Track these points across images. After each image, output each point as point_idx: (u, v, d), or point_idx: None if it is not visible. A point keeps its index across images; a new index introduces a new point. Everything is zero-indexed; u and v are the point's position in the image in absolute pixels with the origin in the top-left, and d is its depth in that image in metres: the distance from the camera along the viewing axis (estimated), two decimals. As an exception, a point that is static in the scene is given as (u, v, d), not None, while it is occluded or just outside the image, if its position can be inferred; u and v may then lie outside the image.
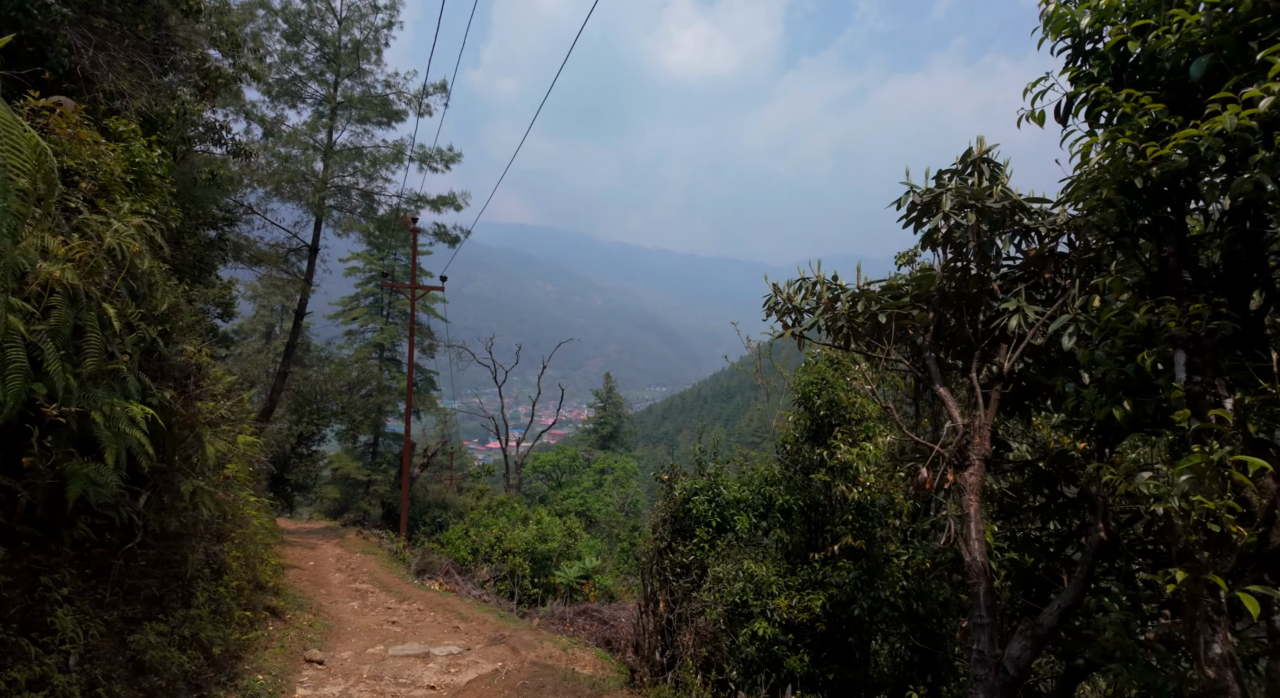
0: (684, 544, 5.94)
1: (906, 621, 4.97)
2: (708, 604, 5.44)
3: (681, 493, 6.14)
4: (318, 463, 35.79)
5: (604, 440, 47.20)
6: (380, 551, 16.95)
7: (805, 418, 6.09)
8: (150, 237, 3.76)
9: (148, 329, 3.66)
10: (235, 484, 6.30)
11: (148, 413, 3.52)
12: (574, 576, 13.74)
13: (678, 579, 5.91)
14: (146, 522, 4.13)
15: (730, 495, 6.06)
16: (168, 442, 4.21)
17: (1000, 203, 3.39)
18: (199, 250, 11.85)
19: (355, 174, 20.23)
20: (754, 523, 6.02)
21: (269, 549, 9.45)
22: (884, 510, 5.53)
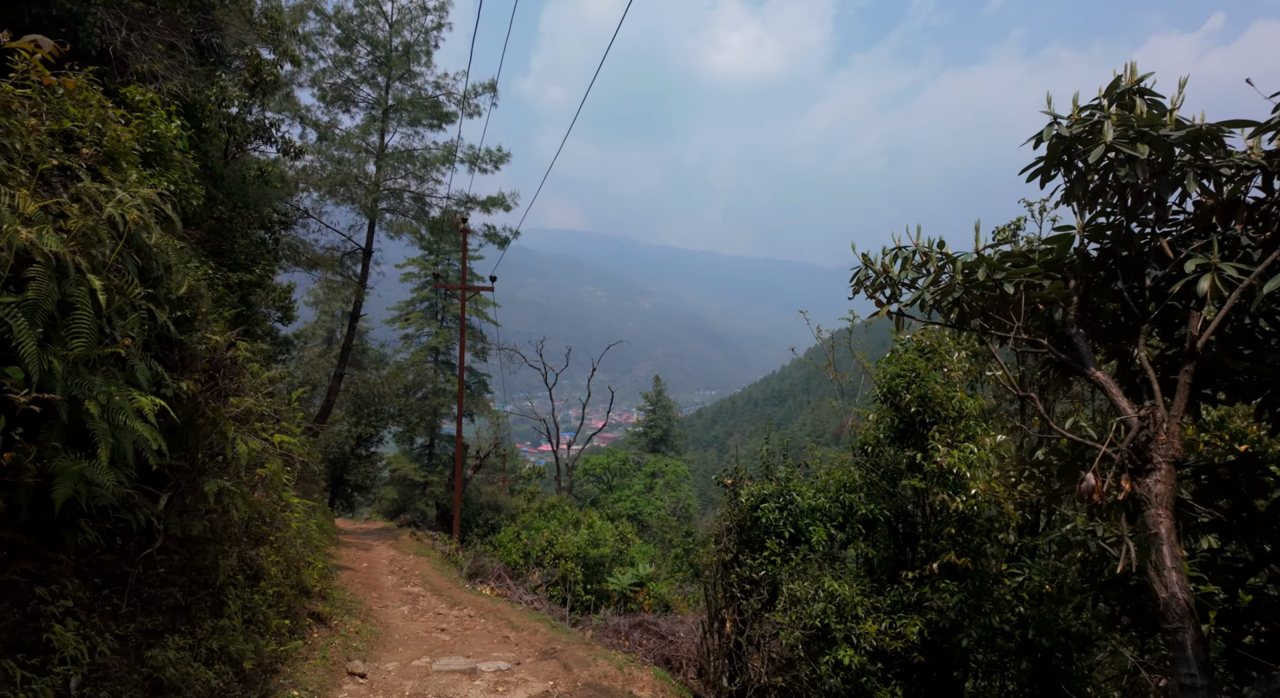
0: (752, 557, 5.28)
1: (1024, 654, 4.18)
2: (782, 626, 4.77)
3: (749, 499, 5.48)
4: (376, 464, 36.59)
5: (654, 444, 46.67)
6: (433, 552, 16.84)
7: (890, 416, 5.35)
8: (162, 211, 3.41)
9: (160, 313, 3.31)
10: (274, 485, 6.00)
11: (158, 405, 3.15)
12: (627, 583, 13.19)
13: (746, 596, 5.25)
14: (167, 525, 3.78)
15: (804, 503, 5.36)
16: (190, 438, 3.86)
17: (1181, 132, 2.61)
18: (250, 250, 11.89)
19: (407, 176, 20.35)
20: (831, 535, 5.31)
21: (318, 552, 9.25)
22: (990, 523, 4.72)
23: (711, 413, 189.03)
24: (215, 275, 4.50)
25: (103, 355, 2.86)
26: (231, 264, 12.29)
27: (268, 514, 5.65)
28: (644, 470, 41.44)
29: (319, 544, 9.89)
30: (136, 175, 3.46)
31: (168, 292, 3.55)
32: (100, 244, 2.90)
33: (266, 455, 5.27)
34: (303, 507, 8.30)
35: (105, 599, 3.35)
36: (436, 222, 20.31)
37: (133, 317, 3.05)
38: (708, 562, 5.70)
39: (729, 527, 5.54)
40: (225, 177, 10.96)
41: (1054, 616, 4.12)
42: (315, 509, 16.27)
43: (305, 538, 8.69)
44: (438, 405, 34.55)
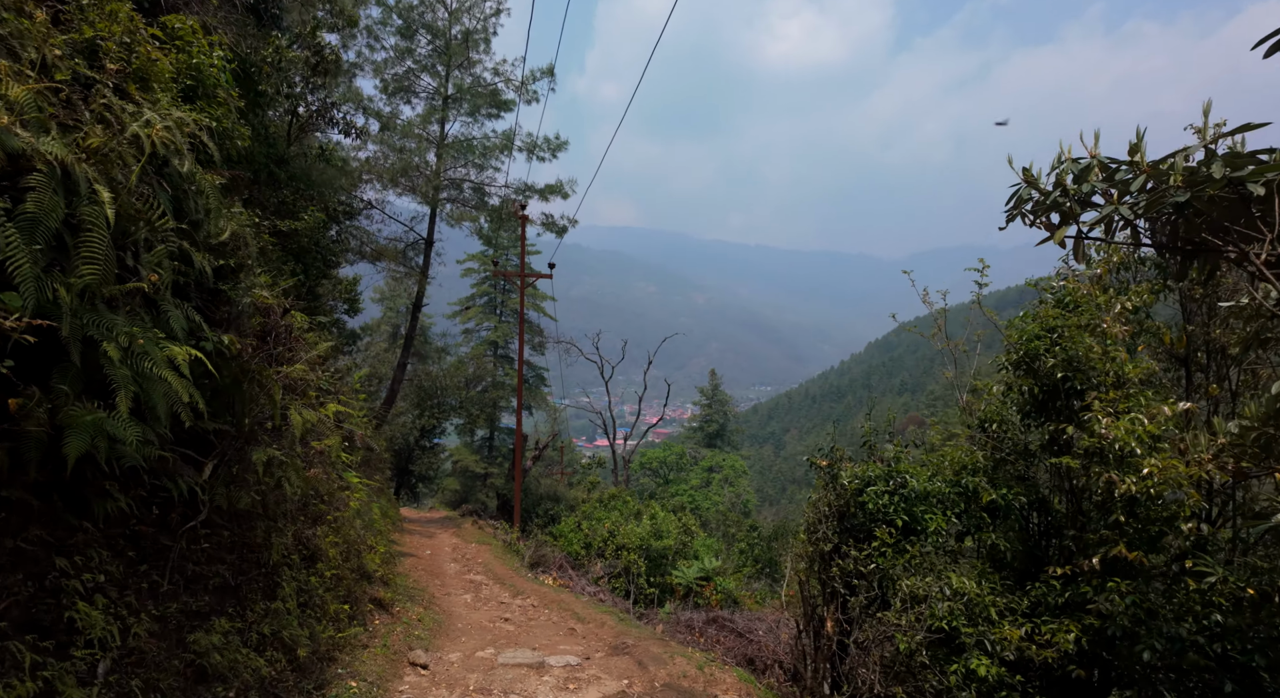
0: (858, 548, 4.56)
1: (1226, 674, 3.32)
2: (899, 628, 4.06)
3: (853, 482, 4.75)
4: (439, 455, 37.37)
5: (710, 438, 45.91)
6: (495, 541, 16.70)
7: (1025, 384, 4.49)
8: (199, 140, 3.03)
9: (197, 255, 2.93)
10: (332, 462, 5.68)
11: (193, 355, 2.74)
12: (693, 576, 12.59)
13: (851, 593, 4.55)
14: (213, 496, 3.41)
15: (919, 487, 4.59)
16: (237, 402, 3.49)
17: None
18: (313, 232, 11.87)
19: (466, 165, 20.29)
20: (950, 524, 4.53)
21: (380, 536, 9.03)
22: (1171, 509, 3.83)
23: (767, 409, 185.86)
24: (263, 223, 4.19)
25: (125, 293, 2.47)
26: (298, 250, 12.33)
27: (325, 492, 5.33)
28: (701, 465, 40.77)
29: (382, 529, 9.71)
30: (170, 100, 3.10)
31: (207, 236, 3.18)
32: (124, 167, 2.51)
33: (323, 429, 4.92)
34: (365, 488, 8.06)
35: (143, 575, 2.99)
36: (495, 210, 20.18)
37: (160, 249, 2.66)
38: (802, 553, 5.01)
39: (827, 513, 4.83)
40: (289, 159, 10.94)
41: (1268, 626, 3.25)
42: (379, 493, 16.39)
43: (367, 521, 8.48)
44: (497, 398, 34.95)
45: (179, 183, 2.91)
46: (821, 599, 4.78)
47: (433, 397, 33.58)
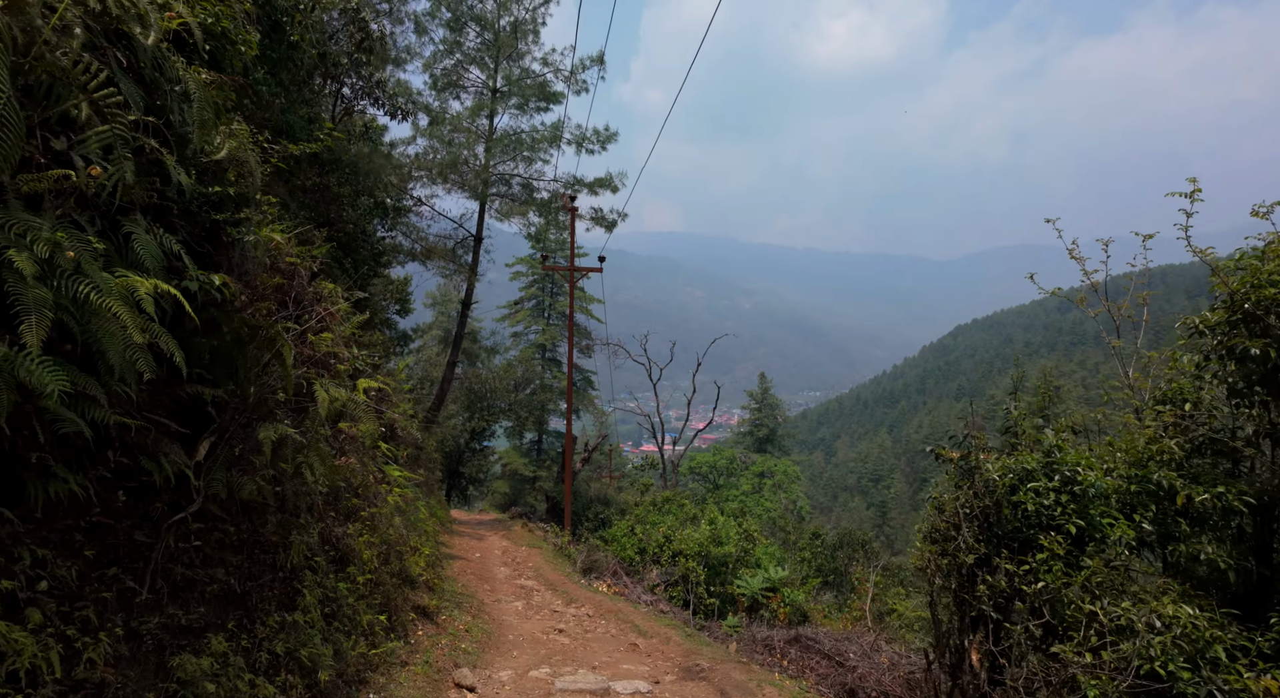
0: (1013, 561, 3.54)
1: None
2: (1088, 669, 3.03)
3: (1005, 477, 3.73)
4: (489, 457, 37.38)
5: (760, 443, 44.55)
6: (545, 545, 16.05)
7: (1256, 347, 3.34)
8: (186, 31, 2.35)
9: (168, 159, 2.23)
10: (367, 450, 5.01)
11: (163, 291, 2.05)
12: (759, 586, 11.58)
13: (1004, 618, 3.54)
14: (210, 483, 2.72)
15: (1096, 483, 3.53)
16: (240, 365, 2.80)
17: None
18: (360, 220, 11.46)
19: (515, 159, 19.87)
20: (1141, 532, 3.44)
21: (426, 537, 8.41)
22: None
23: (817, 415, 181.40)
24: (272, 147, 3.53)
25: (55, 191, 1.80)
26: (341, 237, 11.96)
27: (360, 485, 4.65)
28: (751, 470, 39.50)
29: (429, 529, 9.10)
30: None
31: (198, 153, 2.50)
32: (66, 33, 1.84)
33: (356, 411, 4.23)
34: (409, 484, 7.42)
35: (109, 582, 2.31)
36: (544, 203, 19.66)
37: (104, 131, 1.97)
38: (927, 565, 4.02)
39: (966, 515, 3.83)
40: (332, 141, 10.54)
41: None
42: (428, 492, 15.96)
43: (412, 520, 7.86)
44: (545, 401, 34.70)
45: (152, 75, 2.24)
46: (958, 625, 3.79)
47: (482, 399, 33.56)
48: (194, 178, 2.51)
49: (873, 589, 12.02)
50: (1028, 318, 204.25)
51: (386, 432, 6.81)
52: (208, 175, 2.60)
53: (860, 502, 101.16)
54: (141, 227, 2.15)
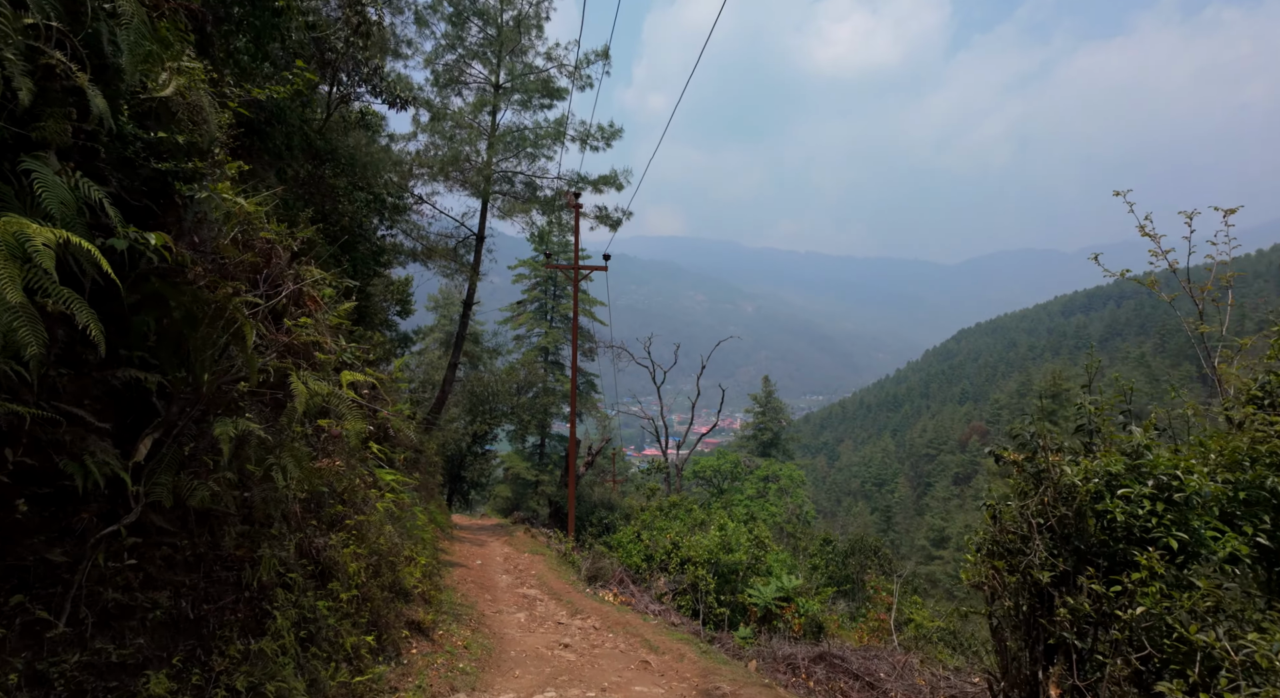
0: (1101, 582, 3.02)
1: None
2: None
3: (1088, 481, 3.20)
4: (491, 461, 36.96)
5: (763, 447, 44.04)
6: (548, 551, 15.57)
7: None
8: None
9: (85, 83, 1.78)
10: (353, 450, 4.55)
11: (77, 247, 1.59)
12: (772, 596, 11.08)
13: (1090, 649, 3.03)
14: (153, 488, 2.26)
15: (1202, 489, 2.98)
16: (192, 348, 2.35)
17: None
18: (357, 212, 11.02)
19: (518, 157, 19.48)
20: (1258, 546, 2.91)
21: (423, 545, 7.94)
22: None
23: (819, 419, 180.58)
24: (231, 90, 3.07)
25: None
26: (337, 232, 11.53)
27: (345, 490, 4.18)
28: (756, 475, 38.99)
29: (427, 537, 8.63)
30: None
31: (133, 89, 2.06)
32: None
33: (340, 407, 3.77)
34: (404, 487, 6.96)
35: (9, 613, 1.85)
36: (548, 201, 19.25)
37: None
38: (985, 582, 3.51)
39: (1040, 526, 3.31)
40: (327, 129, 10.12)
41: None
42: (428, 497, 15.50)
43: (408, 527, 7.39)
44: (548, 404, 34.33)
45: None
46: (1029, 653, 3.28)
47: (484, 402, 33.19)
48: (132, 120, 2.06)
49: (895, 601, 11.51)
50: (1031, 322, 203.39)
51: (378, 432, 6.34)
52: (151, 119, 2.16)
53: (864, 506, 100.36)
54: (51, 168, 1.70)
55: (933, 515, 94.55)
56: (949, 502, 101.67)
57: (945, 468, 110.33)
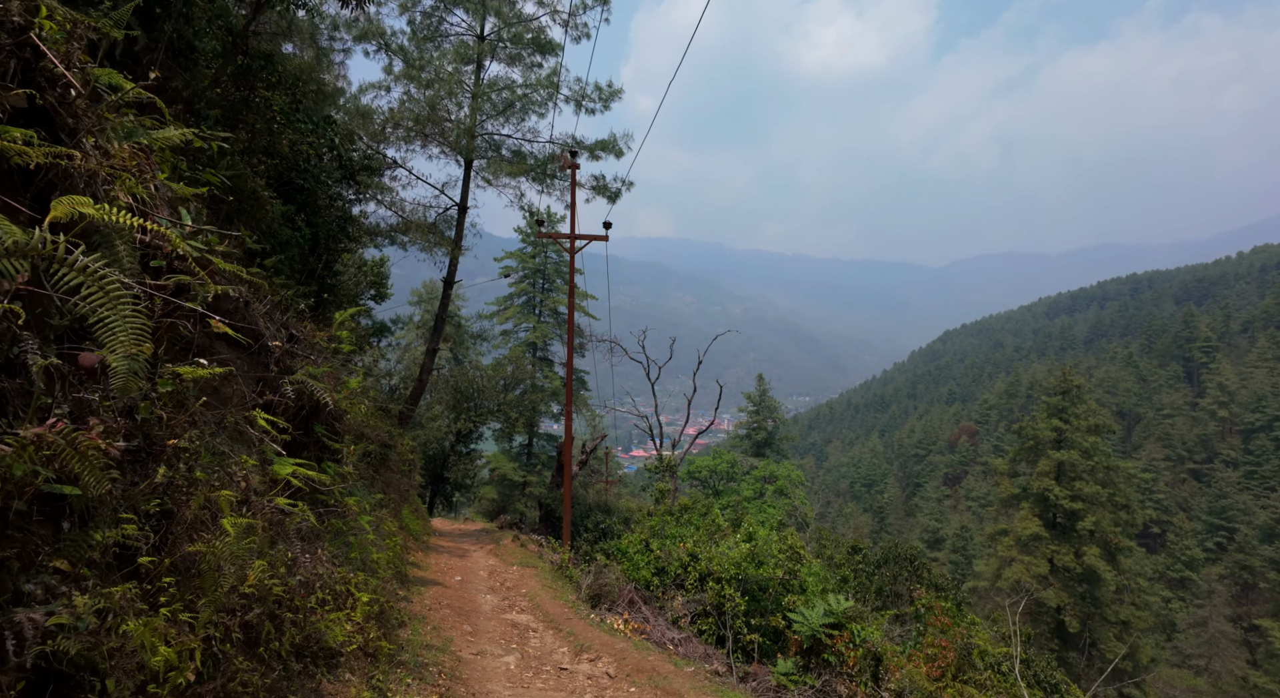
0: None
1: None
2: None
3: None
4: (476, 462, 34.87)
5: (757, 447, 42.23)
6: (541, 563, 13.38)
7: None
8: None
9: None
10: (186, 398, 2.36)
11: None
12: (818, 622, 8.99)
13: None
14: None
15: None
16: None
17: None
18: (301, 142, 8.79)
19: (505, 117, 17.28)
20: None
21: (378, 569, 5.74)
22: None
23: (807, 420, 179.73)
24: None
25: None
26: (282, 169, 9.30)
27: (155, 491, 2.00)
28: (754, 475, 37.06)
29: (382, 557, 6.42)
30: None
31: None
32: None
33: (95, 296, 1.60)
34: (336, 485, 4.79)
35: None
36: (539, 164, 17.09)
37: None
38: None
39: None
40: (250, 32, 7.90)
41: None
42: (403, 499, 13.22)
43: (350, 544, 5.20)
44: (536, 402, 32.31)
45: None
46: None
47: (469, 399, 31.05)
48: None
49: (1015, 631, 9.47)
50: (1016, 323, 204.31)
51: (298, 402, 4.16)
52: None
53: (855, 507, 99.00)
54: None
55: (924, 516, 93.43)
56: (941, 502, 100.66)
57: (935, 468, 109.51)
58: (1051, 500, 33.01)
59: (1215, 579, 58.70)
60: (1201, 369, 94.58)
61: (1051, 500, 33.01)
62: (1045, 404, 37.09)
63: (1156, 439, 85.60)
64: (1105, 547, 32.21)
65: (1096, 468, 32.91)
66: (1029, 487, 34.69)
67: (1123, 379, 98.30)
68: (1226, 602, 55.63)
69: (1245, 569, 61.33)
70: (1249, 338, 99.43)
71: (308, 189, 12.74)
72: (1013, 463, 37.44)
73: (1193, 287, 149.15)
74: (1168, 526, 67.82)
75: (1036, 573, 32.61)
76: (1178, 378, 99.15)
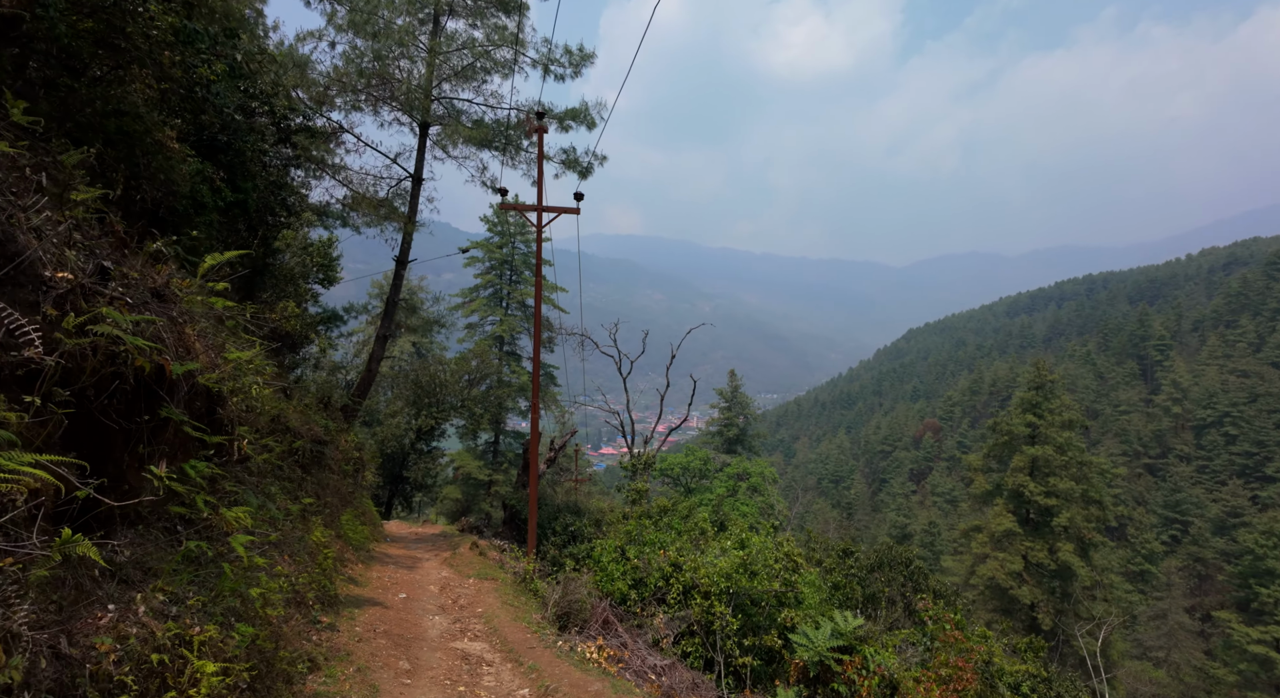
0: None
1: None
2: None
3: None
4: (438, 460, 33.04)
5: (729, 444, 41.27)
6: (501, 574, 11.83)
7: None
8: None
9: None
10: None
11: None
12: (825, 645, 7.70)
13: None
14: None
15: None
16: None
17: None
18: (200, 76, 7.10)
19: (466, 78, 15.61)
20: None
21: (252, 606, 4.16)
22: None
23: (775, 417, 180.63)
24: None
25: None
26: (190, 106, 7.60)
27: None
28: (727, 472, 36.01)
29: (273, 587, 4.84)
30: None
31: None
32: None
33: None
34: (200, 486, 3.21)
35: None
36: (500, 125, 15.48)
37: None
38: None
39: None
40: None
41: None
42: (344, 503, 11.50)
43: (221, 585, 3.64)
44: (503, 397, 30.62)
45: None
46: None
47: (430, 394, 29.19)
48: None
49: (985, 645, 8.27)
50: (978, 322, 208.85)
51: (53, 360, 2.57)
52: None
53: (824, 503, 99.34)
54: None
55: (891, 512, 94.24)
56: (909, 498, 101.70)
57: (900, 464, 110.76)
58: (1026, 496, 32.67)
59: (1173, 572, 60.03)
60: (1156, 367, 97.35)
61: (1026, 496, 32.67)
62: (1020, 399, 36.78)
63: (1114, 435, 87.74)
64: (1079, 542, 32.00)
65: (1070, 463, 32.68)
66: (1003, 483, 34.33)
67: (1081, 377, 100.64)
68: (1185, 594, 56.89)
69: (1199, 561, 62.96)
70: (1199, 336, 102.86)
71: (233, 148, 10.94)
72: (986, 459, 37.11)
73: (1145, 287, 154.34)
74: (1127, 520, 69.23)
75: (1011, 570, 32.23)
76: (1134, 375, 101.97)
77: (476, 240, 33.20)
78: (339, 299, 22.82)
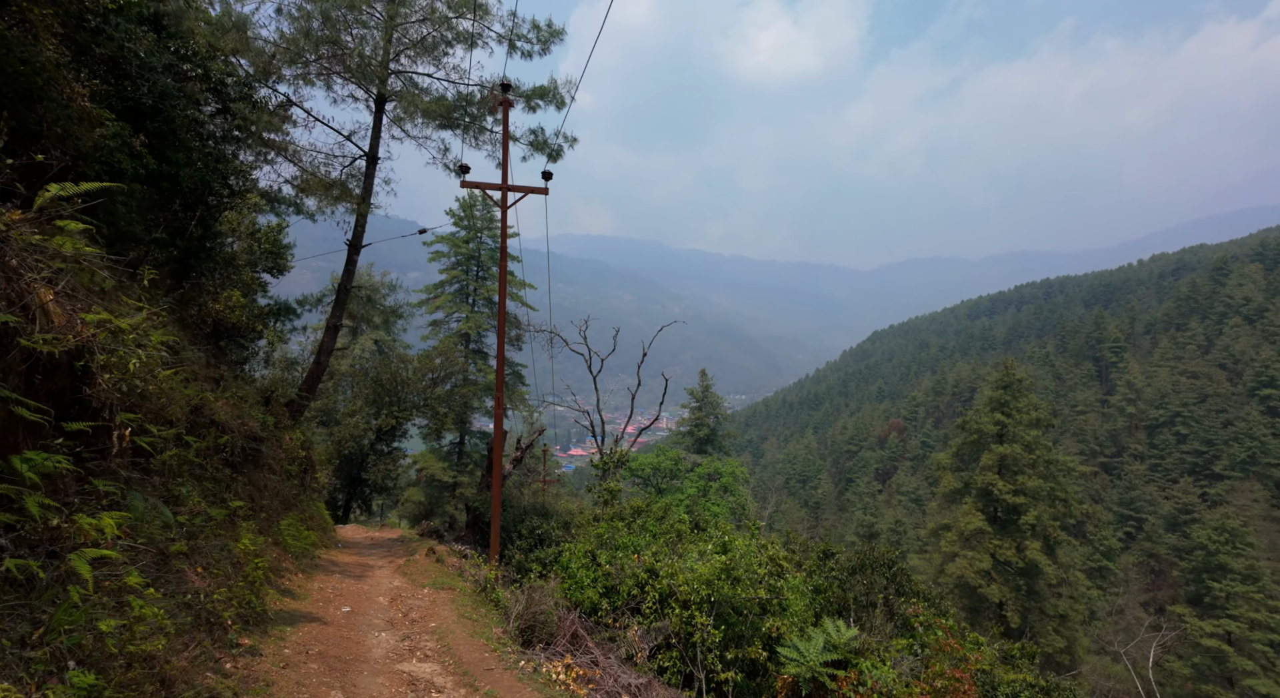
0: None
1: None
2: None
3: None
4: (399, 461, 31.58)
5: (700, 444, 40.70)
6: (460, 582, 10.84)
7: None
8: None
9: None
10: None
11: None
12: (818, 659, 6.97)
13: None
14: None
15: None
16: None
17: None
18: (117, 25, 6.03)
19: (426, 51, 14.55)
20: None
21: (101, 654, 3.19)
22: None
23: (744, 417, 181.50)
24: None
25: None
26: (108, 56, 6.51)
27: None
28: (698, 472, 35.38)
29: (131, 619, 3.85)
30: None
31: None
32: None
33: None
34: None
35: None
36: (463, 100, 14.47)
37: None
38: None
39: None
40: None
41: None
42: (286, 506, 10.35)
43: (87, 614, 2.65)
44: (468, 396, 29.33)
45: None
46: None
47: (391, 393, 27.82)
48: None
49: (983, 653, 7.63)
50: (940, 325, 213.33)
51: None
52: None
53: (792, 503, 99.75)
54: None
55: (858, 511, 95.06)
56: (875, 497, 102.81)
57: (866, 464, 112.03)
58: (995, 495, 32.76)
59: (1129, 568, 61.56)
60: (1111, 368, 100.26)
61: (995, 495, 32.76)
62: (988, 398, 36.94)
63: (1072, 435, 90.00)
64: (1046, 540, 32.21)
65: (1038, 461, 32.90)
66: (972, 481, 34.41)
67: (1041, 377, 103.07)
68: (1142, 589, 58.34)
69: (1153, 557, 64.77)
70: (1151, 339, 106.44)
71: (162, 113, 9.75)
72: (955, 457, 37.21)
73: (1100, 291, 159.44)
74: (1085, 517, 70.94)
75: (979, 568, 32.27)
76: (1090, 376, 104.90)
77: (441, 234, 31.91)
78: (293, 291, 21.42)
